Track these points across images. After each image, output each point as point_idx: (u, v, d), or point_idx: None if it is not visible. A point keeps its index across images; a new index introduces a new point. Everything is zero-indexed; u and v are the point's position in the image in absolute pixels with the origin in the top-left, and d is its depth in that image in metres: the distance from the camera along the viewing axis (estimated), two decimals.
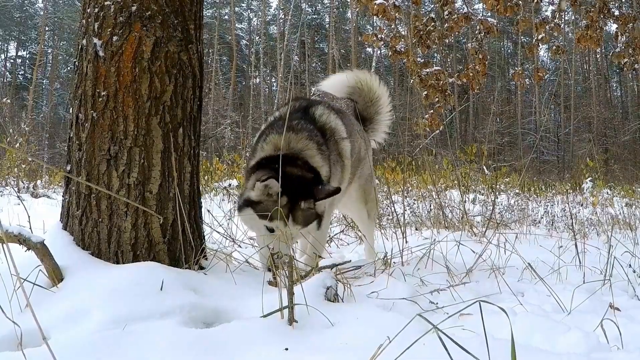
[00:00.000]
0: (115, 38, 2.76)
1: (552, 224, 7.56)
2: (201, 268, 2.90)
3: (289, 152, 3.32)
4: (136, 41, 2.76)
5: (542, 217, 8.17)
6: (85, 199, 2.76)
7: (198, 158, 3.07)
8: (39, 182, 14.12)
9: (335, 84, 5.02)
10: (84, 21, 2.90)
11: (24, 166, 13.57)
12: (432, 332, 1.57)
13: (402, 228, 4.95)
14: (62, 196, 3.00)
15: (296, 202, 3.21)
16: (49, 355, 1.52)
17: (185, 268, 2.80)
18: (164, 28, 2.81)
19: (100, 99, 2.75)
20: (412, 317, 1.86)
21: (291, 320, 2.13)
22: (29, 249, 2.42)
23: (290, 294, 2.15)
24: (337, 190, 3.31)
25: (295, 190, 3.18)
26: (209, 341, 1.95)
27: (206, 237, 3.34)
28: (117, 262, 2.70)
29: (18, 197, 3.94)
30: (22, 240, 2.41)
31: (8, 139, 13.55)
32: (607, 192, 13.80)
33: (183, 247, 2.84)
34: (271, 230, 3.22)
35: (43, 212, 5.49)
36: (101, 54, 2.77)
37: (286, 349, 1.89)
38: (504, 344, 1.61)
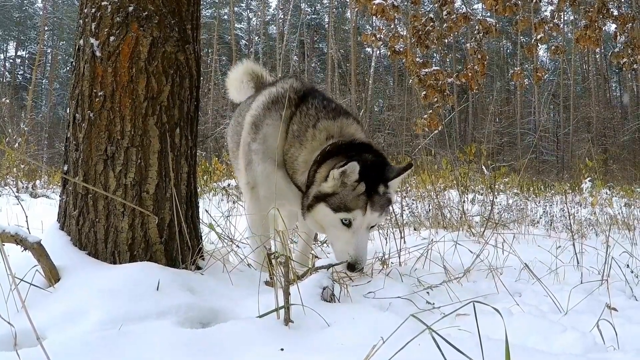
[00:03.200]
0: (112, 38, 2.76)
1: (550, 224, 7.55)
2: (198, 268, 2.90)
3: (345, 138, 3.22)
4: (133, 41, 2.76)
5: (540, 217, 8.16)
6: (82, 199, 2.76)
7: (195, 158, 3.07)
8: (37, 182, 14.09)
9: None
10: (81, 21, 2.90)
11: (22, 166, 13.55)
12: (427, 332, 1.57)
13: (400, 228, 4.95)
14: (59, 196, 3.00)
15: (374, 188, 3.09)
16: (45, 355, 1.52)
17: (182, 268, 2.80)
18: (161, 28, 2.81)
19: (97, 99, 2.75)
20: (414, 318, 1.86)
21: (287, 321, 2.13)
22: (26, 249, 2.42)
23: (286, 294, 2.15)
24: (409, 166, 3.23)
25: (370, 174, 3.06)
26: (205, 341, 1.95)
27: (204, 238, 3.34)
28: (114, 262, 2.70)
29: (16, 197, 3.94)
30: (19, 240, 2.41)
31: (7, 139, 13.55)
32: (606, 193, 13.79)
33: (180, 248, 2.84)
34: (348, 224, 3.09)
35: (42, 213, 5.48)
36: (98, 54, 2.77)
37: (282, 350, 1.89)
38: (500, 344, 1.61)
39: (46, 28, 53.41)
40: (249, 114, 3.53)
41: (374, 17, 10.27)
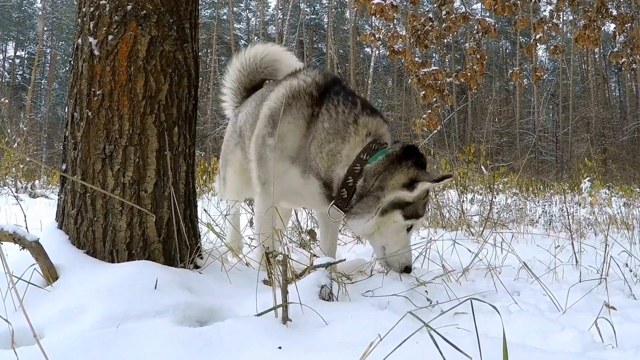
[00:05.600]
0: (110, 37, 2.76)
1: (549, 223, 7.56)
2: (196, 267, 2.90)
3: (378, 136, 3.25)
4: (131, 40, 2.76)
5: (539, 217, 8.16)
6: (80, 198, 2.76)
7: (193, 157, 3.07)
8: (37, 182, 14.09)
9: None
10: (79, 20, 2.90)
11: (22, 166, 13.54)
12: (426, 331, 1.57)
13: None
14: (58, 195, 3.00)
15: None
16: (42, 353, 1.52)
17: (181, 267, 2.80)
18: (159, 27, 2.81)
19: (96, 98, 2.75)
20: (408, 315, 1.86)
21: (285, 319, 2.13)
22: (23, 247, 2.42)
23: (284, 292, 2.15)
24: (448, 177, 3.34)
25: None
26: (203, 340, 1.94)
27: (202, 237, 3.33)
28: (112, 261, 2.70)
29: (15, 197, 3.92)
30: (16, 239, 2.41)
31: (6, 139, 13.54)
32: (605, 192, 13.80)
33: (178, 246, 2.83)
34: (408, 230, 3.26)
35: (41, 212, 5.48)
36: (96, 53, 2.77)
37: (279, 348, 1.89)
38: (498, 342, 1.61)
39: (45, 28, 53.36)
40: (267, 105, 3.45)
41: (373, 17, 10.27)
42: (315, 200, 3.37)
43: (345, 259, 3.22)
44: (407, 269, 3.25)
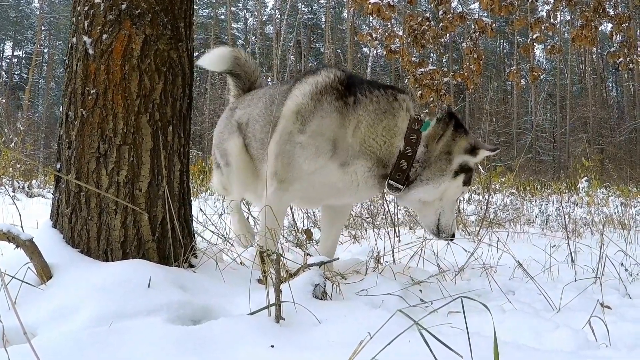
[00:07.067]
0: (105, 36, 2.76)
1: (546, 223, 7.56)
2: (191, 266, 2.89)
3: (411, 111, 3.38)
4: (126, 39, 2.76)
5: (536, 217, 8.17)
6: (74, 196, 2.76)
7: (188, 156, 3.06)
8: (34, 181, 14.09)
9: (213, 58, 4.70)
10: (74, 19, 2.89)
11: (19, 166, 13.54)
12: (418, 329, 1.57)
13: (395, 227, 4.96)
14: (53, 194, 2.99)
15: None
16: (33, 352, 1.52)
17: (175, 266, 2.79)
18: (153, 26, 2.81)
19: (90, 96, 2.74)
20: (400, 314, 1.85)
21: (278, 318, 2.13)
22: (18, 246, 2.42)
23: (278, 291, 2.15)
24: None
25: None
26: (196, 338, 1.94)
27: (197, 236, 3.32)
28: (107, 260, 2.69)
29: (11, 196, 3.91)
30: (10, 237, 2.40)
31: (3, 139, 13.53)
32: (603, 192, 13.82)
33: (172, 245, 2.83)
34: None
35: (37, 211, 5.49)
36: (91, 52, 2.76)
37: (272, 346, 1.89)
38: (491, 341, 1.61)
39: (43, 28, 53.35)
40: (292, 101, 3.38)
41: (371, 17, 10.27)
42: (354, 189, 3.34)
43: (339, 258, 3.21)
44: (454, 235, 3.42)
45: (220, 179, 4.23)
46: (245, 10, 58.76)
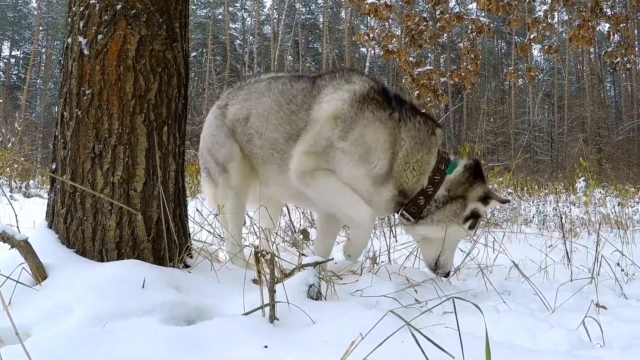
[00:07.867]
0: (100, 36, 2.76)
1: (543, 223, 7.56)
2: (186, 266, 2.89)
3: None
4: (121, 39, 2.76)
5: (533, 217, 8.17)
6: (70, 197, 2.76)
7: (183, 156, 3.07)
8: (31, 182, 14.06)
9: None
10: (69, 20, 2.89)
11: (16, 166, 13.52)
12: (409, 329, 1.57)
13: (391, 227, 4.95)
14: (48, 194, 2.99)
15: None
16: (29, 352, 1.52)
17: (170, 266, 2.80)
18: (148, 26, 2.81)
19: (85, 97, 2.75)
20: (393, 315, 1.86)
21: (272, 318, 2.13)
22: (12, 246, 2.42)
23: (272, 291, 2.15)
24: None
25: None
26: (190, 338, 1.94)
27: (193, 236, 3.32)
28: (102, 260, 2.69)
29: (7, 197, 3.93)
30: (5, 237, 2.40)
31: (1, 139, 13.52)
32: (600, 192, 13.82)
33: (168, 246, 2.83)
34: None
35: (34, 212, 5.47)
36: (86, 52, 2.76)
37: (266, 347, 1.89)
38: (484, 341, 1.61)
39: (40, 28, 53.30)
40: (329, 105, 3.24)
41: (368, 17, 10.28)
42: (373, 207, 3.28)
43: (333, 259, 3.21)
44: (449, 274, 3.39)
45: (214, 192, 3.72)
46: (243, 10, 58.75)
